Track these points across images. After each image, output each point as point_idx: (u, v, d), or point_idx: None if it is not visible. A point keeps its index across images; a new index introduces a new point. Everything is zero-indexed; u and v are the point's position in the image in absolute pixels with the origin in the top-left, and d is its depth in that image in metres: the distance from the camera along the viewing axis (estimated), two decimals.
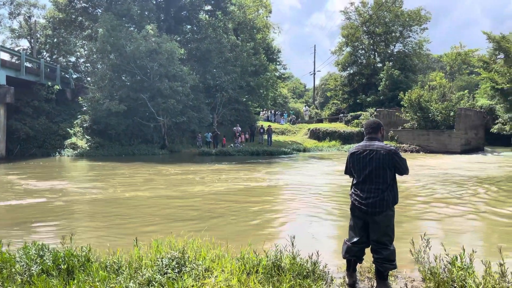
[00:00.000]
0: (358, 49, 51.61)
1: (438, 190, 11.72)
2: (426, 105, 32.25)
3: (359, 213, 4.03)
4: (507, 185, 13.04)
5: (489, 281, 3.75)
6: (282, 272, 4.09)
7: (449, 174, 16.21)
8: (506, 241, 6.40)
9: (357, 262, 4.21)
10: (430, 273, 4.14)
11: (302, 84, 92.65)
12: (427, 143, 31.37)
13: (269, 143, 34.35)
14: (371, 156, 3.99)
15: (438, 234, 6.73)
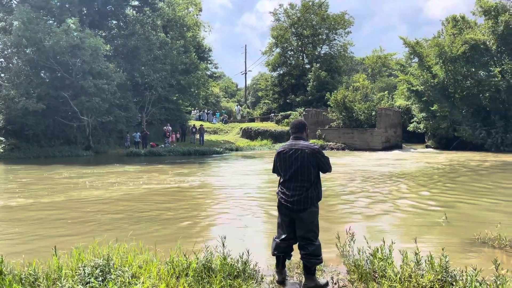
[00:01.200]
0: (288, 50, 53.03)
1: (361, 186, 12.38)
2: (351, 105, 34.02)
3: (286, 210, 4.13)
4: (422, 179, 14.16)
5: (406, 270, 4.02)
6: (213, 274, 4.05)
7: (371, 170, 17.22)
8: (421, 232, 6.92)
9: (286, 258, 4.30)
10: (354, 266, 4.34)
11: (234, 84, 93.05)
12: (351, 141, 33.09)
13: (201, 143, 34.03)
14: (296, 155, 4.10)
15: (362, 228, 7.10)
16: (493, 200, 10.07)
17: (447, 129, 32.36)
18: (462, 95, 32.09)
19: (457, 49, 30.60)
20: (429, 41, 35.07)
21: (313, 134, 34.96)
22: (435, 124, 33.07)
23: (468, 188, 12.32)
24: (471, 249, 5.71)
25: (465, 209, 8.96)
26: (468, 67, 31.63)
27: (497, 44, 31.19)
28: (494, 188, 12.39)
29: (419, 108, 35.27)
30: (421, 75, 33.34)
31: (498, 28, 30.35)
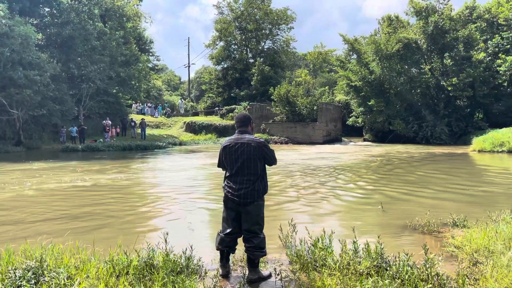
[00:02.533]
0: (231, 44, 52.88)
1: (302, 179, 12.72)
2: (294, 100, 34.73)
3: (232, 204, 4.13)
4: (360, 171, 14.83)
5: (345, 258, 4.19)
6: (155, 271, 3.96)
7: (312, 163, 17.74)
8: (360, 221, 7.25)
9: (230, 252, 4.31)
10: (296, 256, 4.45)
11: (177, 77, 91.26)
12: (294, 135, 33.84)
13: (142, 137, 33.07)
14: (242, 149, 4.11)
15: (304, 219, 7.29)
16: (424, 189, 10.78)
17: (383, 123, 34.09)
18: (396, 90, 33.96)
19: (392, 47, 32.25)
20: (366, 39, 36.63)
21: (257, 128, 35.28)
22: (372, 118, 34.70)
23: (401, 178, 13.09)
24: (404, 236, 6.08)
25: (399, 198, 9.51)
26: (402, 64, 33.51)
27: (427, 43, 33.31)
28: (424, 177, 13.28)
29: (358, 103, 36.82)
30: (359, 71, 34.79)
31: (428, 28, 32.39)
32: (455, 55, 32.32)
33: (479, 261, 4.30)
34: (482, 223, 5.77)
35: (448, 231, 5.96)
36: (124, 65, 35.64)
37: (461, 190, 10.69)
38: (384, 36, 34.59)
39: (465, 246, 4.83)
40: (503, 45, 34.71)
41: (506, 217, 5.82)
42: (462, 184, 11.68)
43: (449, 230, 5.98)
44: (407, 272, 3.77)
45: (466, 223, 6.16)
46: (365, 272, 3.94)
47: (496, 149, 23.36)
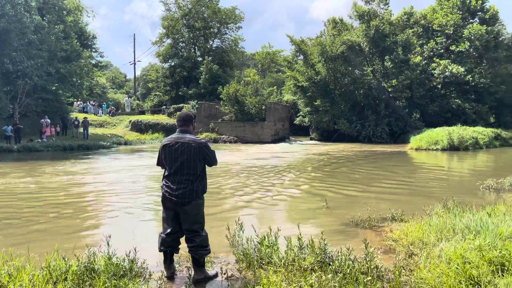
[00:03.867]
0: (179, 41, 52.06)
1: (250, 177, 12.81)
2: (242, 99, 34.86)
3: (170, 204, 4.08)
4: (306, 169, 15.19)
5: (290, 254, 4.28)
6: (96, 275, 3.81)
7: (260, 162, 17.91)
8: (305, 218, 7.43)
9: (174, 253, 4.25)
10: (242, 255, 4.47)
11: (122, 74, 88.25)
12: (243, 134, 33.97)
13: (85, 137, 31.63)
14: (182, 149, 4.06)
15: (251, 218, 7.35)
16: (366, 185, 11.25)
17: (328, 122, 35.15)
18: (341, 91, 35.15)
19: (336, 49, 33.33)
20: (313, 40, 37.60)
21: (206, 127, 35.02)
22: (318, 118, 35.67)
23: (345, 175, 13.58)
24: (347, 231, 6.31)
25: (343, 195, 9.86)
26: (346, 66, 34.74)
27: (369, 46, 34.79)
28: (366, 174, 13.86)
29: (304, 103, 37.69)
30: (306, 72, 35.62)
31: (370, 31, 33.83)
32: (394, 58, 34.02)
33: (414, 252, 4.56)
34: (417, 217, 6.13)
35: (387, 225, 6.26)
36: (65, 61, 33.84)
37: (400, 186, 11.29)
38: (330, 38, 35.68)
39: (402, 239, 5.11)
40: (437, 50, 37.10)
41: (439, 211, 6.22)
42: (401, 180, 12.33)
43: (388, 225, 6.29)
44: (348, 266, 3.92)
45: (403, 217, 6.51)
46: (309, 268, 4.04)
47: (431, 147, 24.90)
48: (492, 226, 4.58)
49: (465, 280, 3.42)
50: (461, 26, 36.11)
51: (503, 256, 3.70)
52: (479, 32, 34.24)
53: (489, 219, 4.98)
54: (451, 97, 35.50)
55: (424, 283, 3.62)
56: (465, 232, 4.64)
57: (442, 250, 4.12)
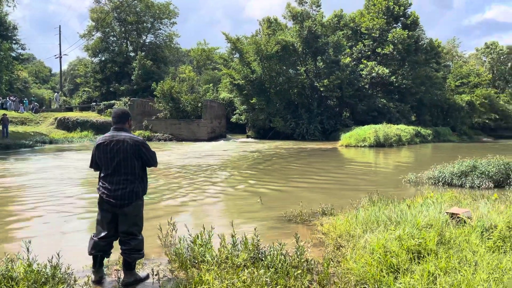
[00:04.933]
0: (110, 35, 49.87)
1: (185, 176, 12.64)
2: (177, 96, 34.26)
3: (108, 206, 3.89)
4: (241, 167, 15.31)
5: (224, 252, 4.29)
6: (15, 284, 3.54)
7: (195, 160, 17.74)
8: (240, 215, 7.48)
9: (105, 257, 4.07)
10: (175, 255, 4.39)
11: (47, 68, 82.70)
12: (179, 132, 33.40)
13: (4, 135, 29.13)
14: (118, 147, 3.88)
15: (185, 218, 7.25)
16: (299, 181, 11.60)
17: (264, 120, 35.70)
18: (276, 90, 35.84)
19: (271, 48, 33.92)
20: (248, 39, 37.91)
21: (139, 125, 33.92)
22: (254, 116, 36.10)
23: (279, 172, 13.89)
24: (280, 226, 6.46)
25: (277, 190, 10.08)
26: (281, 65, 35.50)
27: (303, 46, 35.84)
28: (300, 171, 14.30)
29: (241, 101, 37.94)
30: (242, 70, 35.86)
31: (303, 32, 34.86)
32: (326, 59, 35.39)
33: (342, 245, 4.79)
34: (346, 211, 6.44)
35: (318, 219, 6.50)
36: None
37: (331, 181, 11.78)
38: (265, 37, 36.22)
39: (331, 233, 5.33)
40: (365, 52, 39.18)
41: (365, 205, 6.59)
42: (332, 176, 12.88)
43: (318, 219, 6.54)
44: (280, 260, 4.01)
45: (333, 212, 6.80)
46: (242, 264, 4.08)
47: (359, 144, 26.28)
48: (411, 217, 4.94)
49: (386, 268, 3.65)
50: (386, 30, 38.48)
51: (420, 244, 4.01)
52: (401, 36, 36.71)
53: (408, 211, 5.36)
54: (378, 97, 37.72)
55: (350, 273, 3.81)
56: (388, 224, 4.95)
57: (367, 241, 4.37)
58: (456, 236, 4.35)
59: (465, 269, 3.44)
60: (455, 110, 44.24)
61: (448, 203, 6.24)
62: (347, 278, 3.74)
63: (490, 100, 49.28)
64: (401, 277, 3.46)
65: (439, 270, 3.47)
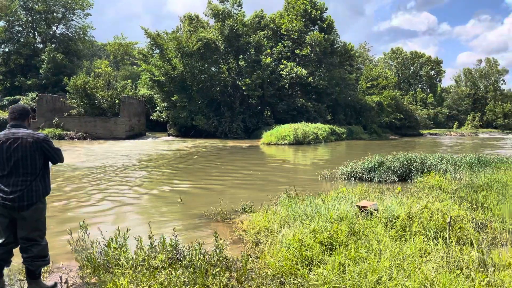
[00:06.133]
0: (14, 25, 45.53)
1: (100, 177, 12.00)
2: (93, 92, 32.36)
3: (4, 210, 3.53)
4: (161, 166, 14.92)
5: (140, 254, 4.13)
6: None
7: (112, 160, 16.91)
8: (159, 216, 7.28)
9: (5, 266, 3.70)
10: (87, 260, 4.14)
11: None
12: (94, 130, 31.59)
13: None
14: (16, 145, 3.53)
15: (99, 220, 6.87)
16: (221, 179, 11.62)
17: (186, 118, 35.19)
18: (198, 87, 35.52)
19: (193, 45, 33.51)
20: (169, 35, 37.04)
21: (49, 122, 31.47)
22: (176, 113, 35.41)
23: (201, 170, 13.78)
24: (200, 225, 6.40)
25: (198, 189, 9.99)
26: (203, 63, 35.23)
27: (225, 44, 35.94)
28: (222, 169, 14.33)
29: (161, 98, 36.97)
30: (163, 67, 34.95)
31: (225, 30, 34.95)
32: (247, 58, 35.86)
33: (261, 241, 4.88)
34: (265, 207, 6.58)
35: (238, 217, 6.57)
36: None
37: (252, 178, 11.97)
38: (186, 34, 35.67)
39: (250, 229, 5.42)
40: (285, 52, 40.40)
41: (283, 200, 6.79)
42: (253, 173, 13.09)
43: (239, 216, 6.60)
44: (199, 259, 3.98)
45: (253, 208, 6.91)
46: (160, 266, 3.97)
47: (280, 142, 27.09)
48: (324, 211, 5.20)
49: (301, 261, 3.80)
50: (304, 32, 40.05)
51: (332, 237, 4.24)
52: (318, 39, 38.47)
53: (322, 205, 5.63)
54: (297, 97, 39.18)
55: (267, 268, 3.90)
56: (303, 218, 5.15)
57: (284, 236, 4.51)
58: (364, 228, 4.67)
59: (371, 257, 3.71)
60: (366, 110, 47.52)
61: (358, 197, 6.68)
62: (265, 273, 3.82)
63: (396, 101, 53.75)
64: (315, 268, 3.63)
65: (348, 260, 3.69)
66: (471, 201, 6.47)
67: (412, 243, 4.17)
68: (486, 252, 3.76)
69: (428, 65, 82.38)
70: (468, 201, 6.46)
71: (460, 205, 6.06)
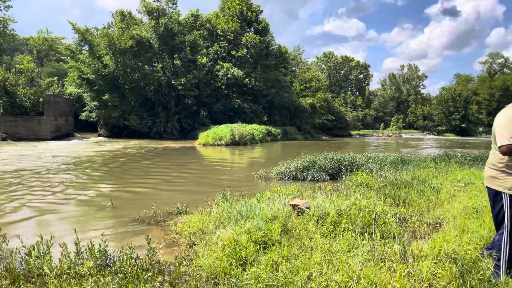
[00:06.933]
0: None
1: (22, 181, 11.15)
2: (13, 90, 29.97)
3: None
4: (91, 168, 14.20)
5: (65, 262, 3.89)
6: None
7: (36, 162, 15.80)
8: (88, 221, 6.90)
9: None
10: (5, 270, 3.82)
11: None
12: (15, 130, 29.26)
13: None
14: None
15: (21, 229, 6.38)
16: (155, 181, 11.31)
17: (118, 118, 33.84)
18: (131, 86, 34.32)
19: (125, 42, 32.33)
20: (100, 31, 35.39)
21: None
22: (107, 113, 33.91)
23: (133, 172, 13.32)
24: (133, 229, 6.19)
25: (130, 192, 9.64)
26: (136, 61, 34.13)
27: (159, 43, 35.12)
28: (156, 170, 13.95)
29: (91, 97, 35.22)
30: (92, 64, 33.31)
31: (159, 28, 34.14)
32: (183, 57, 35.36)
33: (195, 242, 4.83)
34: (200, 208, 6.52)
35: (173, 219, 6.44)
36: None
37: (188, 180, 11.81)
38: (118, 30, 34.33)
39: (184, 231, 5.34)
40: (221, 53, 40.43)
41: (218, 201, 6.78)
42: (189, 175, 12.92)
43: (173, 219, 6.48)
44: (130, 265, 3.84)
45: (188, 210, 6.82)
46: (87, 273, 3.78)
47: (217, 143, 27.02)
48: (259, 211, 5.27)
49: (235, 261, 3.82)
50: (240, 33, 40.36)
51: (266, 235, 4.31)
52: (254, 41, 38.97)
53: (257, 205, 5.71)
54: (233, 97, 39.35)
55: (202, 270, 3.87)
56: (239, 218, 5.19)
57: (219, 237, 4.50)
58: (297, 225, 4.81)
59: (303, 254, 3.82)
60: (300, 112, 48.98)
61: (292, 196, 6.86)
62: (199, 275, 3.79)
63: (328, 103, 56.03)
64: (249, 268, 3.66)
65: (281, 258, 3.78)
66: (394, 197, 6.92)
67: (341, 239, 4.37)
68: (406, 245, 4.04)
69: (357, 69, 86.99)
70: (392, 197, 6.91)
71: (384, 201, 6.46)
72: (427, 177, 9.09)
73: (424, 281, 3.35)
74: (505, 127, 3.18)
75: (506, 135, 3.16)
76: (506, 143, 3.14)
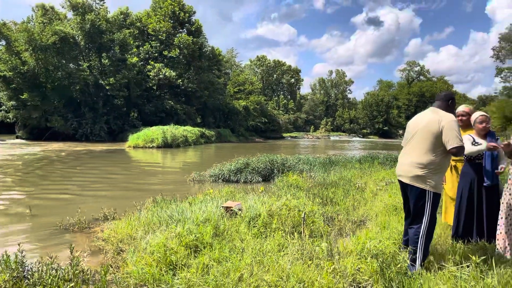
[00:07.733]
0: None
1: None
2: None
3: None
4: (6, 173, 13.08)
5: None
6: None
7: None
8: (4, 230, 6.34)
9: None
10: None
11: None
12: None
13: None
14: None
15: None
16: (80, 186, 10.70)
17: (39, 119, 31.56)
18: (54, 85, 32.18)
19: (47, 38, 30.27)
20: (18, 25, 32.79)
21: None
22: (26, 113, 31.49)
23: (56, 177, 12.49)
24: (54, 237, 5.79)
25: (51, 199, 9.02)
26: (59, 59, 32.09)
27: (85, 40, 33.34)
28: (81, 175, 13.20)
29: (8, 96, 32.46)
30: (10, 60, 30.74)
31: (85, 25, 32.43)
32: (112, 56, 33.91)
33: (123, 249, 4.64)
34: (129, 213, 6.27)
35: (99, 225, 6.14)
36: None
37: (116, 184, 11.32)
38: (39, 25, 32.02)
39: (111, 238, 5.10)
40: (153, 53, 39.43)
41: (148, 205, 6.58)
42: (117, 179, 12.39)
43: (99, 225, 6.17)
44: (50, 275, 3.59)
45: (115, 215, 6.53)
46: (2, 287, 3.47)
47: (148, 145, 26.24)
48: (191, 214, 5.20)
49: (165, 266, 3.74)
50: (173, 34, 39.66)
51: (197, 239, 4.26)
52: (187, 42, 38.50)
53: (189, 208, 5.64)
54: (165, 99, 38.49)
55: (130, 277, 3.73)
56: (169, 222, 5.08)
57: (148, 242, 4.37)
58: (229, 228, 4.82)
59: (234, 256, 3.84)
60: (234, 114, 49.22)
61: (225, 198, 6.87)
62: (127, 282, 3.65)
63: (261, 106, 56.94)
64: (179, 272, 3.60)
65: (213, 261, 3.76)
66: (322, 197, 7.21)
67: (272, 239, 4.45)
68: (333, 243, 4.23)
69: (288, 73, 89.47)
70: (320, 197, 7.19)
71: (313, 201, 6.70)
72: (352, 177, 9.58)
73: (348, 276, 3.53)
74: (456, 131, 3.52)
75: (459, 137, 3.51)
76: (459, 145, 3.47)
